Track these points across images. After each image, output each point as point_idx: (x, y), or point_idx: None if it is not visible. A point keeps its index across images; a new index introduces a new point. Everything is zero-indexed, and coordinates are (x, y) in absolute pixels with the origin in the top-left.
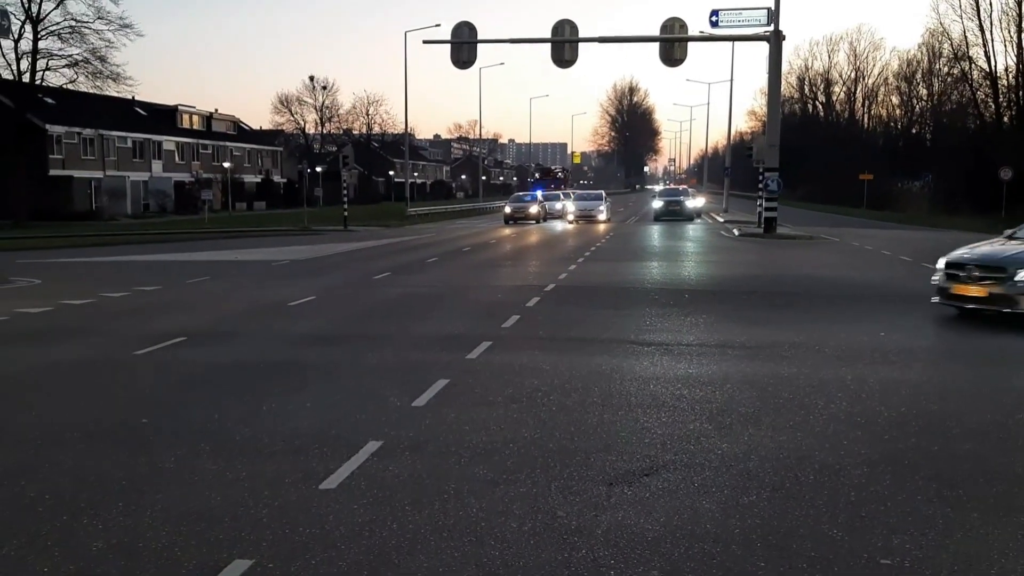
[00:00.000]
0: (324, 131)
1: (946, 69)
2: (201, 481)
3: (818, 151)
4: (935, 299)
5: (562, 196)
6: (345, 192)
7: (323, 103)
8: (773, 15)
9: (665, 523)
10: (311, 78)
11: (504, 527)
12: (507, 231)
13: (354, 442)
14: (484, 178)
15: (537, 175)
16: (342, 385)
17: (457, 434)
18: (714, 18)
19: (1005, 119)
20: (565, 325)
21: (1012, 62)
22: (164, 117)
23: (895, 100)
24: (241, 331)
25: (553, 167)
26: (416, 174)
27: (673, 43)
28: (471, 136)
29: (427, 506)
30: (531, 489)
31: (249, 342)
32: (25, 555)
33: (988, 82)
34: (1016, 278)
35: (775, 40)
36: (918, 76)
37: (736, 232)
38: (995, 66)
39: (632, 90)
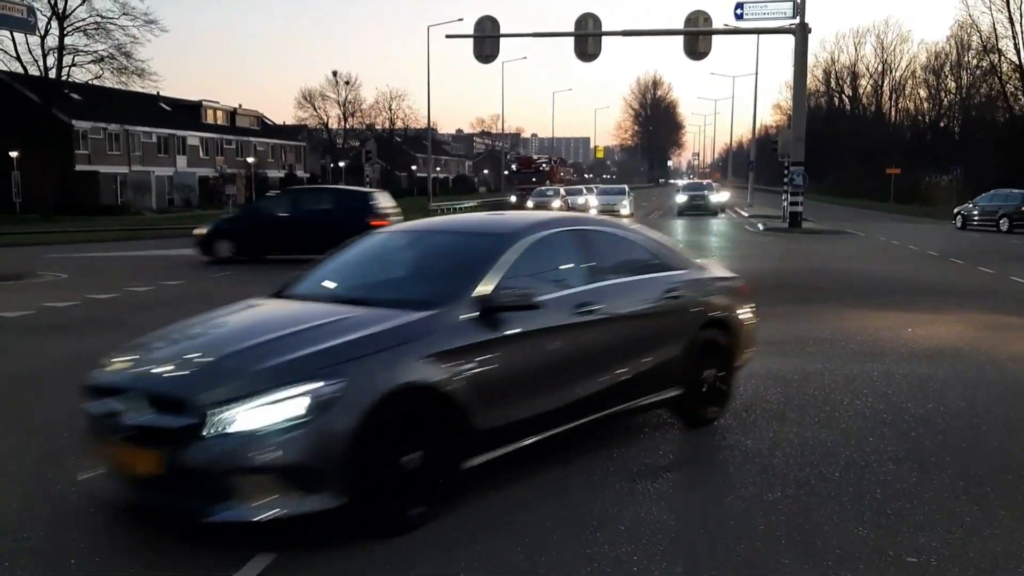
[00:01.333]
0: (347, 126)
1: (975, 62)
2: None
3: (844, 145)
4: None
5: (551, 193)
6: (368, 186)
7: (346, 98)
8: (799, 7)
9: (689, 519)
10: (334, 73)
11: (523, 521)
12: None
13: None
14: (506, 172)
15: (514, 166)
16: None
17: None
18: (739, 11)
19: None
20: None
21: None
22: (189, 112)
23: (923, 93)
24: None
25: (536, 156)
26: (438, 168)
27: (697, 36)
28: (493, 130)
29: (448, 501)
30: (554, 483)
31: None
32: (51, 547)
33: (1018, 75)
34: None
35: (801, 33)
36: (946, 69)
37: (761, 227)
38: None
39: (656, 84)
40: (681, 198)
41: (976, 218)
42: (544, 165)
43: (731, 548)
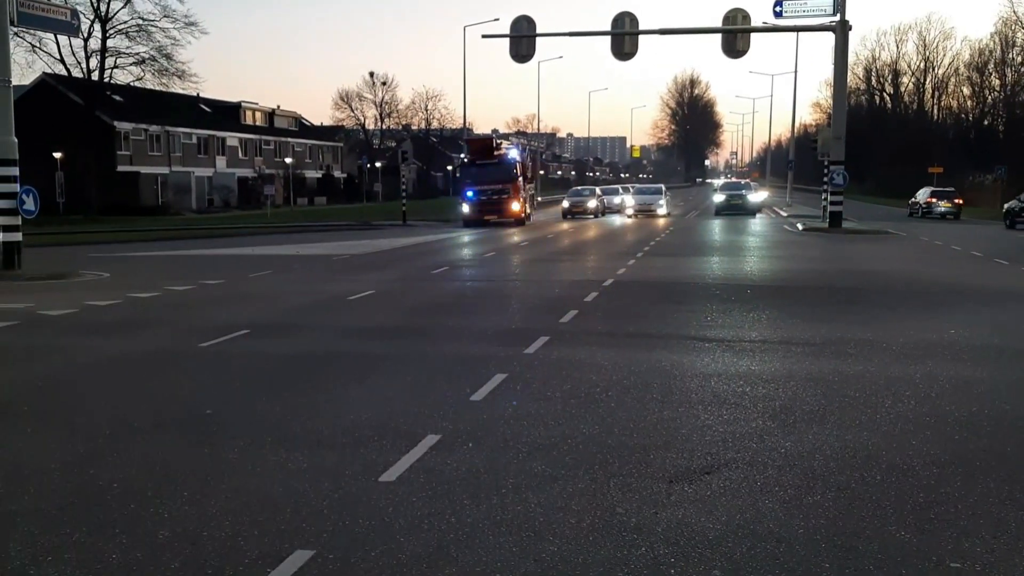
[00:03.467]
0: (383, 126)
1: (1020, 59)
2: (263, 472)
3: (885, 144)
4: None
5: (587, 193)
6: (404, 187)
7: (382, 99)
8: (839, 4)
9: (727, 522)
10: (371, 74)
11: (562, 523)
12: (565, 225)
13: (413, 435)
14: (542, 172)
15: (465, 157)
16: (400, 378)
17: (515, 428)
18: (778, 8)
19: None
20: (624, 320)
21: None
22: (228, 113)
23: (966, 91)
24: (302, 324)
25: (500, 140)
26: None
27: (736, 34)
28: (529, 130)
29: (485, 500)
30: (589, 485)
31: (310, 335)
32: (94, 542)
33: None
34: None
35: (841, 30)
36: (990, 66)
37: (800, 227)
38: None
39: (693, 82)
40: (719, 198)
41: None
42: (516, 153)
43: (770, 552)
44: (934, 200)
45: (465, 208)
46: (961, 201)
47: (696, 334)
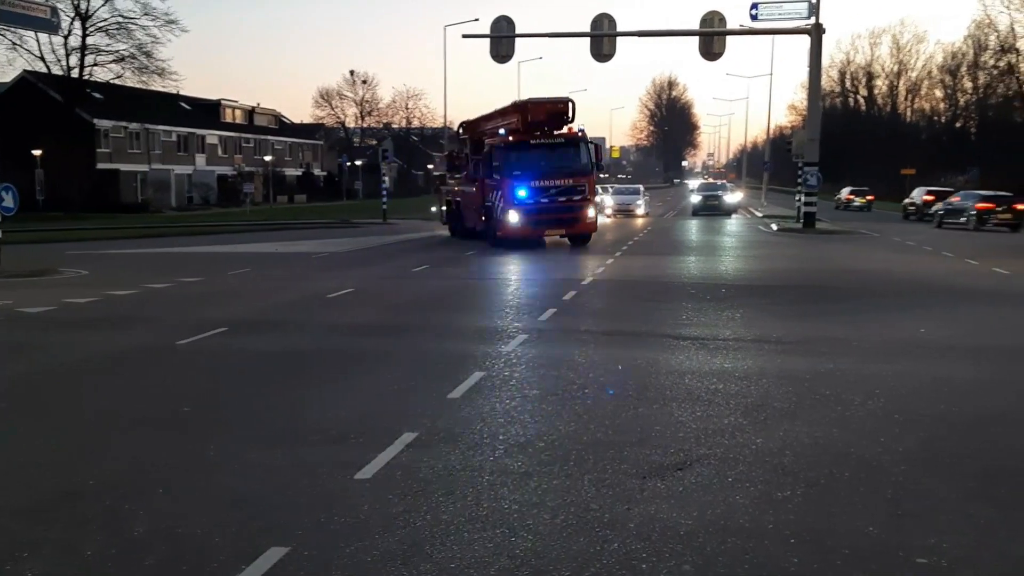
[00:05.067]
0: (364, 125)
1: (992, 62)
2: (239, 469)
3: (859, 145)
4: None
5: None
6: (384, 185)
7: (363, 97)
8: (814, 8)
9: (698, 517)
10: (351, 72)
11: (537, 519)
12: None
13: (389, 433)
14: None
15: (506, 133)
16: (378, 376)
17: (492, 426)
18: (754, 11)
19: None
20: (602, 318)
21: None
22: (208, 111)
23: (939, 94)
24: (281, 321)
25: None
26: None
27: (712, 37)
28: None
29: (461, 497)
30: (564, 482)
31: (288, 332)
32: (70, 538)
33: None
34: None
35: (816, 33)
36: (963, 69)
37: (774, 227)
38: None
39: (671, 84)
40: (696, 198)
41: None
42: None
43: (740, 546)
44: (853, 196)
45: (512, 218)
46: (872, 197)
47: (672, 332)
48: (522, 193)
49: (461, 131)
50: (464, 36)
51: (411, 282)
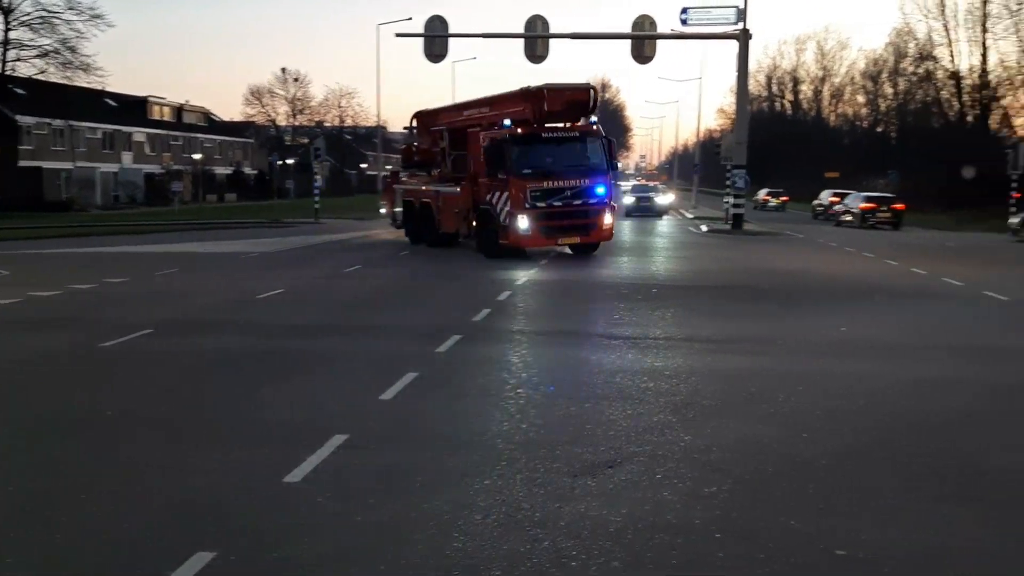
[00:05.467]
0: (296, 123)
1: (911, 68)
2: (165, 473)
3: (785, 149)
4: None
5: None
6: (316, 184)
7: (295, 95)
8: (741, 13)
9: (627, 514)
10: (283, 70)
11: (469, 519)
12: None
13: (319, 435)
14: (388, 172)
15: (513, 126)
16: (308, 378)
17: (424, 427)
18: (684, 16)
19: (969, 118)
20: (535, 318)
21: (976, 62)
22: (134, 108)
23: (861, 99)
24: (209, 323)
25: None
26: (389, 167)
27: (644, 40)
28: None
29: (392, 499)
30: (497, 482)
31: (216, 334)
32: None
33: (952, 82)
34: None
35: (743, 38)
36: (884, 75)
37: (704, 228)
38: (959, 66)
39: (604, 87)
40: (628, 200)
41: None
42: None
43: (668, 543)
44: (769, 197)
45: (521, 223)
46: (787, 198)
47: (604, 332)
48: (534, 195)
49: (414, 123)
50: (397, 35)
51: (343, 282)
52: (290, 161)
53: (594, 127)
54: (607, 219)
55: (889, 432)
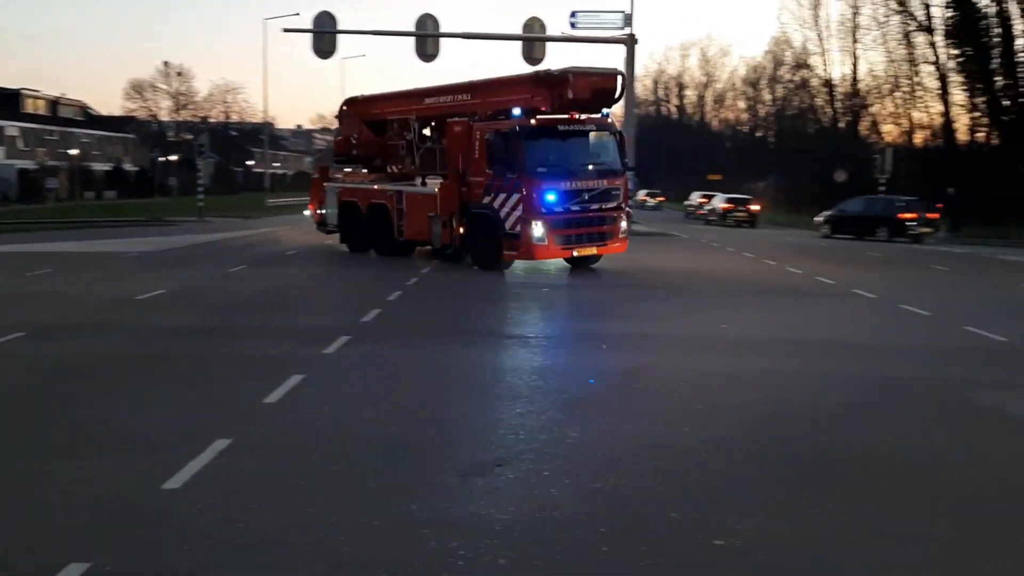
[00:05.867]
0: (179, 118)
1: (788, 76)
2: (38, 482)
3: (671, 152)
4: None
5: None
6: (201, 182)
7: (178, 89)
8: (628, 18)
9: (515, 512)
10: (165, 63)
11: (356, 522)
12: None
13: (200, 441)
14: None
15: (527, 114)
16: (189, 382)
17: (310, 431)
18: (573, 19)
19: (841, 124)
20: (425, 318)
21: (848, 71)
22: (6, 101)
23: (742, 104)
24: (86, 325)
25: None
26: (277, 164)
27: (533, 42)
28: (334, 127)
29: (277, 504)
30: (385, 483)
31: (93, 337)
32: None
33: (826, 89)
34: None
35: (630, 43)
36: (763, 82)
37: None
38: (832, 74)
39: None
40: None
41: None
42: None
43: (554, 539)
44: (647, 198)
45: (536, 231)
46: (664, 199)
47: (495, 330)
48: (551, 197)
49: (344, 110)
50: (285, 30)
51: (228, 283)
52: (173, 158)
53: (607, 119)
54: (623, 226)
55: (765, 425)
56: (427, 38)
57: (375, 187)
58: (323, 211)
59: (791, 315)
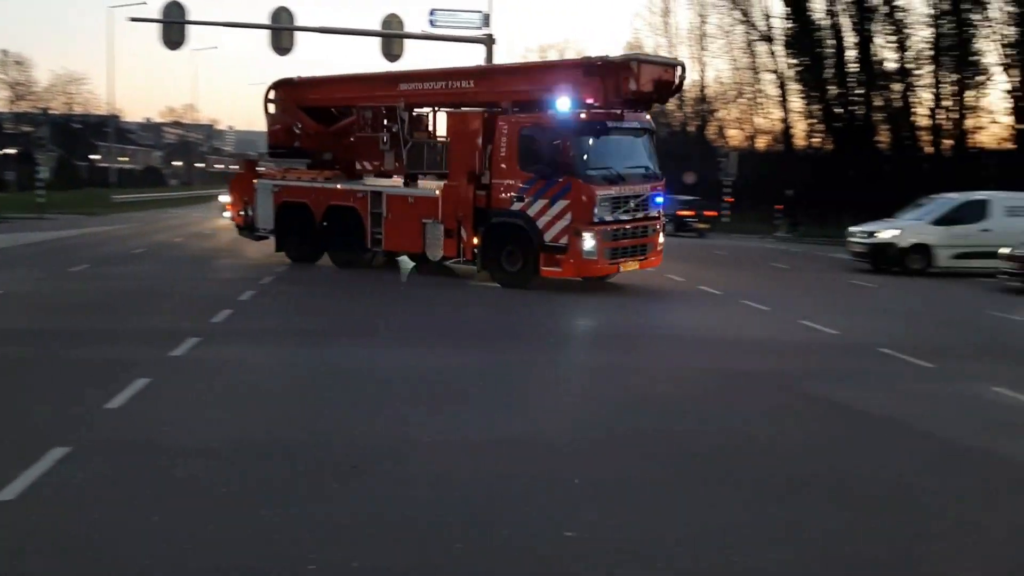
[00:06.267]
0: (17, 109)
1: None
2: None
3: None
4: None
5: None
6: (40, 176)
7: (16, 79)
8: (487, 19)
9: (371, 514)
10: (3, 52)
11: (203, 530)
12: (224, 221)
13: (37, 448)
14: (201, 165)
15: (575, 104)
16: (26, 387)
17: (155, 437)
18: (432, 17)
19: (690, 128)
20: (280, 318)
21: (697, 77)
22: None
23: None
24: None
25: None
26: (125, 159)
27: (392, 39)
28: (186, 120)
29: (121, 513)
30: (233, 489)
31: None
32: None
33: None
34: None
35: (488, 43)
36: None
37: None
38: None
39: None
40: None
41: None
42: None
43: (411, 539)
44: None
45: (587, 244)
46: None
47: (353, 329)
48: (604, 205)
49: (274, 94)
50: (131, 19)
51: (69, 283)
52: (11, 151)
53: (648, 117)
54: (661, 238)
55: (625, 422)
56: (282, 31)
57: (338, 187)
58: (248, 212)
59: (643, 310)
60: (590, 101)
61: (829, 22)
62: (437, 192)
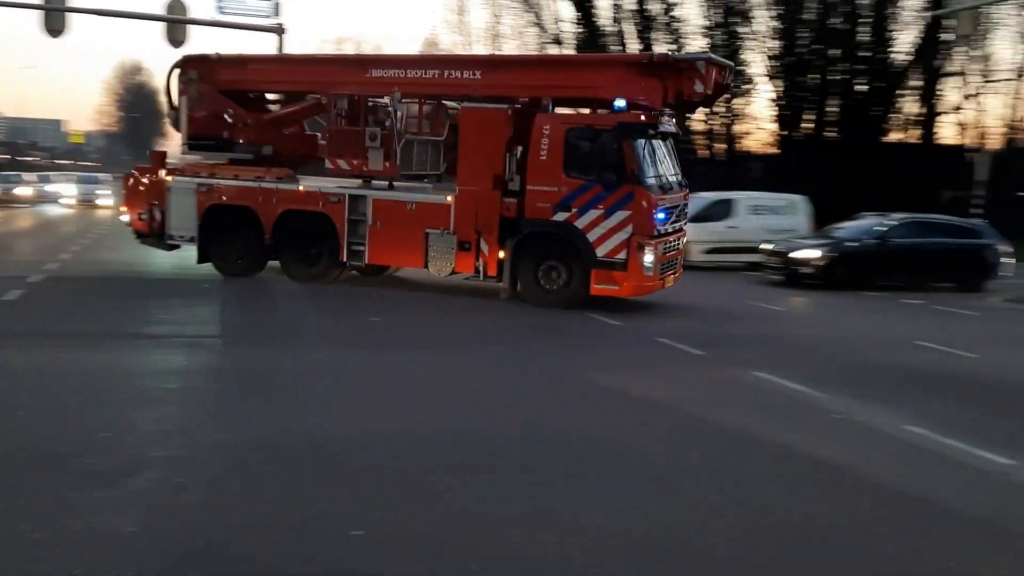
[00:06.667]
0: None
1: None
2: None
3: None
4: None
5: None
6: None
7: None
8: (277, 8)
9: (143, 523)
10: None
11: None
12: None
13: None
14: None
15: (621, 104)
16: None
17: None
18: (220, 3)
19: None
20: (50, 319)
21: None
22: None
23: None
24: None
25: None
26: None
27: (176, 24)
28: None
29: None
30: None
31: None
32: None
33: None
34: None
35: (279, 32)
36: None
37: None
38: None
39: (139, 69)
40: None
41: None
42: None
43: (184, 546)
44: None
45: (647, 257)
46: None
47: (131, 331)
48: (661, 215)
49: (183, 73)
50: None
51: None
52: None
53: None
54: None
55: (438, 416)
56: (51, 12)
57: (299, 189)
58: (153, 214)
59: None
60: (649, 102)
61: (615, 29)
62: (449, 199)
